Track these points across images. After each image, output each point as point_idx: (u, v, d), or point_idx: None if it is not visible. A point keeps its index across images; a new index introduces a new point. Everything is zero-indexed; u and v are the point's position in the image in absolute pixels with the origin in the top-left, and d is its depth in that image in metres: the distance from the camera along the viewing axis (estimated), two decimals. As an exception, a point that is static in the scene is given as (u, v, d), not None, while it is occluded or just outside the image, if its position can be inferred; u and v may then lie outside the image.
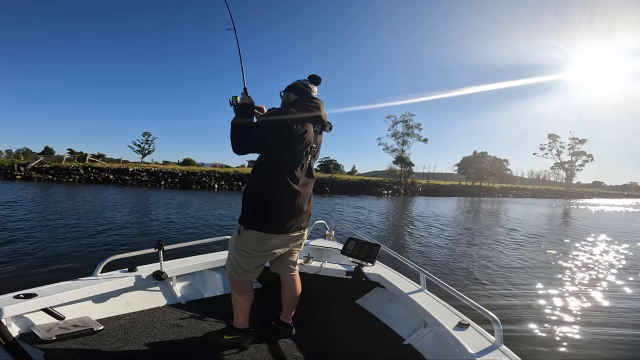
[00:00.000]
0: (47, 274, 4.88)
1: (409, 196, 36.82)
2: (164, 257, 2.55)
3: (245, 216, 1.95)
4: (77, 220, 9.64)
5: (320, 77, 2.12)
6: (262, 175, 1.92)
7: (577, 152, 65.14)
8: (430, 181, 51.51)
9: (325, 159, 67.04)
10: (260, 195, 1.92)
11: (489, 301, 4.79)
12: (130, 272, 2.47)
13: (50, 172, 29.46)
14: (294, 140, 1.89)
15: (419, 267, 2.46)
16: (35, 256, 5.80)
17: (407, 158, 48.57)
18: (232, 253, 2.02)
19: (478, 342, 1.77)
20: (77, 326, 2.00)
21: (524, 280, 6.05)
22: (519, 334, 3.78)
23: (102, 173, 29.98)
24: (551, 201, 43.51)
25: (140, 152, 46.90)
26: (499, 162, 66.42)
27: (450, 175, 71.73)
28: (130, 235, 8.23)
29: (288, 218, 1.94)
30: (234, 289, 2.05)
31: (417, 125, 49.28)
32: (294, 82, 2.10)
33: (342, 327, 2.45)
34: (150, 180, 29.67)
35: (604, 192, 79.16)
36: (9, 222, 8.82)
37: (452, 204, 28.57)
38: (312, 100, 2.02)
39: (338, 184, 35.80)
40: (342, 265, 2.79)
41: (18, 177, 28.15)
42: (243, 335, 2.08)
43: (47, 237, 7.36)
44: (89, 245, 6.85)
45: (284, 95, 2.12)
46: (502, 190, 54.72)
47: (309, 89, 2.07)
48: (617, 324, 4.27)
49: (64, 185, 24.86)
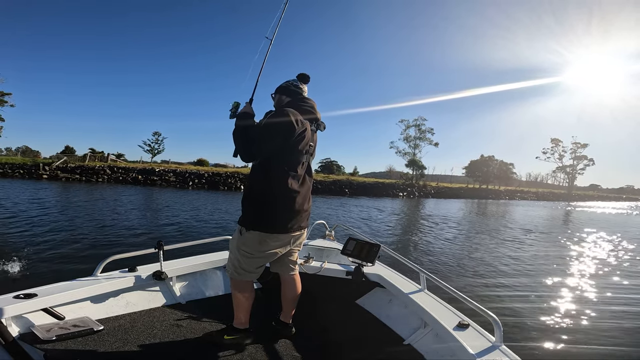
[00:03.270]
0: (47, 274, 4.88)
1: (422, 198, 38.02)
2: (164, 257, 2.55)
3: (247, 217, 1.95)
4: (84, 220, 9.65)
5: (309, 76, 2.11)
6: (262, 176, 1.92)
7: (578, 156, 66.53)
8: (439, 183, 53.09)
9: (326, 159, 67.32)
10: (261, 196, 1.92)
11: (489, 301, 4.79)
12: (130, 272, 2.46)
13: (76, 171, 29.54)
14: (295, 140, 1.90)
15: (419, 267, 2.46)
16: (35, 256, 5.80)
17: (420, 161, 50.29)
18: (234, 254, 2.02)
19: (478, 342, 1.77)
20: (77, 326, 1.99)
21: (524, 281, 6.05)
22: (519, 334, 3.78)
23: (130, 173, 30.07)
24: (555, 204, 44.27)
25: (150, 152, 47.20)
26: (505, 166, 68.25)
27: (457, 178, 73.07)
28: (168, 234, 8.35)
29: (289, 218, 1.95)
30: (235, 289, 2.05)
31: (429, 130, 51.17)
32: (285, 84, 2.10)
33: (342, 327, 2.45)
34: (178, 181, 29.73)
35: (604, 195, 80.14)
36: (15, 221, 8.83)
37: (465, 205, 29.32)
38: (305, 101, 2.03)
39: (356, 186, 36.76)
40: (342, 265, 2.79)
41: (44, 176, 28.18)
42: (243, 335, 2.08)
43: (48, 237, 7.36)
44: (91, 245, 6.85)
45: (276, 98, 2.10)
46: (508, 193, 56.25)
47: (300, 90, 2.08)
48: (617, 324, 4.27)
49: (91, 185, 24.82)
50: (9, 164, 30.00)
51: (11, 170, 28.75)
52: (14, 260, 5.34)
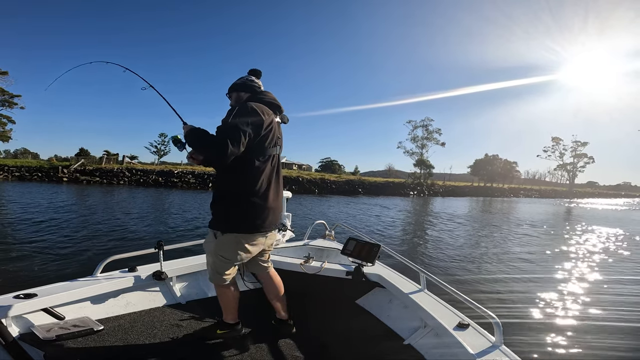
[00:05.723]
0: (47, 274, 4.88)
1: (431, 196, 39.03)
2: (164, 257, 2.55)
3: (220, 220, 1.92)
4: (89, 222, 9.66)
5: (261, 71, 2.10)
6: (233, 175, 1.86)
7: (579, 155, 67.37)
8: (446, 182, 54.70)
9: (326, 159, 67.50)
10: (233, 197, 1.88)
11: (489, 301, 4.79)
12: (130, 272, 2.46)
13: (95, 174, 29.58)
14: (264, 134, 1.86)
15: (419, 267, 2.46)
16: (35, 256, 5.80)
17: (428, 161, 51.82)
18: (212, 258, 2.00)
19: (478, 342, 1.77)
20: (77, 326, 1.99)
21: (525, 281, 6.05)
22: (519, 334, 3.78)
23: (149, 175, 30.10)
24: (557, 201, 44.96)
25: (157, 153, 47.41)
26: (509, 165, 69.47)
27: (455, 176, 74.07)
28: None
29: (264, 216, 1.91)
30: (220, 290, 2.07)
31: (437, 130, 52.80)
32: (239, 81, 2.06)
33: (342, 327, 2.45)
34: (198, 183, 29.75)
35: (603, 192, 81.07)
36: (19, 223, 8.84)
37: (475, 204, 29.98)
38: (265, 94, 2.02)
39: (368, 186, 37.51)
40: (342, 265, 2.78)
41: (64, 179, 28.16)
42: (235, 328, 2.13)
43: (49, 237, 7.36)
44: (93, 246, 6.85)
45: (234, 96, 2.05)
46: (512, 191, 57.69)
47: (257, 84, 2.06)
48: (617, 324, 4.26)
49: (112, 188, 24.77)
50: (25, 167, 30.02)
51: (28, 173, 28.78)
52: (14, 260, 5.35)
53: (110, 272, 2.42)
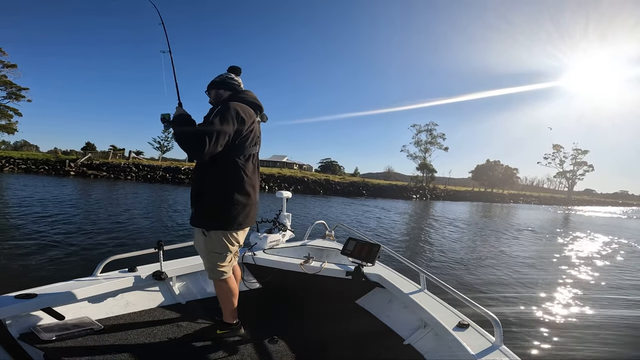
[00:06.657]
0: (47, 274, 4.88)
1: (433, 200, 39.37)
2: (163, 257, 2.55)
3: (203, 217, 1.95)
4: (87, 220, 9.64)
5: (240, 68, 2.11)
6: (214, 172, 1.89)
7: (579, 162, 67.56)
8: (447, 186, 55.10)
9: (326, 159, 67.56)
10: (216, 193, 1.90)
11: (489, 301, 4.79)
12: (130, 272, 2.46)
13: (102, 168, 29.45)
14: (245, 133, 1.89)
15: (419, 267, 2.46)
16: (35, 256, 5.80)
17: (431, 165, 52.06)
18: (205, 256, 2.05)
19: (478, 342, 1.77)
20: (77, 326, 1.99)
21: (525, 281, 6.04)
22: (519, 334, 3.78)
23: (157, 171, 29.99)
24: (556, 207, 45.28)
25: (160, 149, 47.44)
26: (510, 171, 69.89)
27: (454, 180, 74.41)
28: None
29: (246, 213, 1.97)
30: (219, 288, 2.09)
31: (441, 135, 52.91)
32: (220, 78, 2.06)
33: (342, 327, 2.44)
34: None
35: (601, 200, 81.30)
36: (18, 219, 8.83)
37: (475, 208, 30.06)
38: (246, 93, 2.03)
39: (372, 188, 37.84)
40: (342, 265, 2.78)
41: (72, 172, 28.12)
42: (234, 328, 2.15)
43: (51, 235, 7.35)
44: (94, 245, 6.85)
45: (213, 93, 2.06)
46: (512, 197, 58.22)
47: (237, 82, 2.07)
48: (618, 324, 4.26)
49: (119, 183, 24.62)
50: (32, 160, 29.93)
51: (35, 166, 28.71)
52: (15, 259, 5.35)
53: (110, 272, 2.41)
